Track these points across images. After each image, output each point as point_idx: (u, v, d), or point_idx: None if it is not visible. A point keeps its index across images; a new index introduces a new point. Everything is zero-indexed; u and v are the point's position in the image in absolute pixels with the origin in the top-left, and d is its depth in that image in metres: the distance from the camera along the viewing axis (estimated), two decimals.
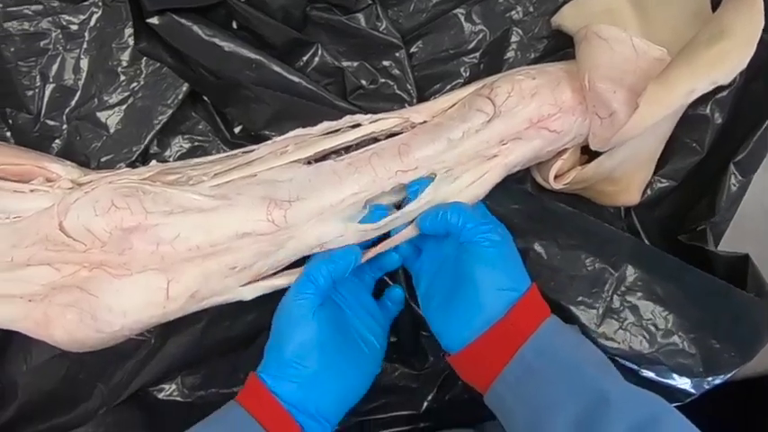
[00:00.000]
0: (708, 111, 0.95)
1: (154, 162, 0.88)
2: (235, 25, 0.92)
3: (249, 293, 0.85)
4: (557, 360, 0.77)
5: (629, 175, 0.92)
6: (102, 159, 0.92)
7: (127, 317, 0.81)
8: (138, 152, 0.92)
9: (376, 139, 0.89)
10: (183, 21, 0.86)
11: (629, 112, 0.80)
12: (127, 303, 0.81)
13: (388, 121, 0.88)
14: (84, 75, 0.92)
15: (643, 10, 0.90)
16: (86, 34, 0.92)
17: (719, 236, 0.96)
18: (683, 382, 0.90)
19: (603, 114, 0.84)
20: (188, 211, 0.81)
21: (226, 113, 0.95)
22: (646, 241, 0.98)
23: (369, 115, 0.89)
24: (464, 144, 0.85)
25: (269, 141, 0.88)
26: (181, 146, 0.95)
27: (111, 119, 0.92)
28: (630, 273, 0.90)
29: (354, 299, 0.89)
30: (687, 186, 0.98)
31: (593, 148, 0.87)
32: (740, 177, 0.93)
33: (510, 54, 0.97)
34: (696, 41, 0.81)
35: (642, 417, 0.72)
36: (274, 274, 0.86)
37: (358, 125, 0.88)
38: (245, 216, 0.81)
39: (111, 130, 0.92)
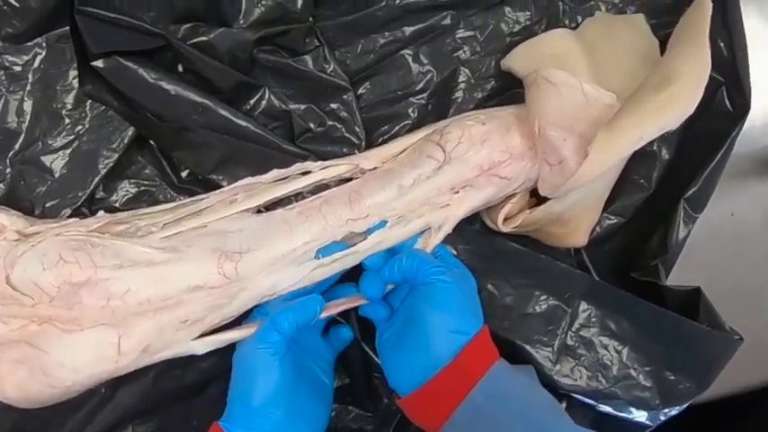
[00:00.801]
0: (655, 147, 0.98)
1: (101, 213, 0.89)
2: (181, 68, 0.92)
3: (201, 348, 0.85)
4: (507, 404, 0.79)
5: (577, 217, 0.94)
6: (47, 204, 0.92)
7: (78, 373, 0.81)
8: (83, 197, 0.92)
9: (327, 186, 0.90)
10: (128, 64, 0.87)
11: (578, 160, 0.82)
12: (78, 359, 0.81)
13: (339, 167, 0.89)
14: (27, 117, 0.92)
15: (593, 53, 0.92)
16: (30, 76, 0.92)
17: (669, 269, 0.99)
18: (639, 415, 0.92)
19: (553, 161, 0.85)
20: (138, 265, 0.81)
21: (173, 157, 0.95)
22: (596, 278, 1.00)
23: (318, 162, 0.90)
24: (415, 191, 0.87)
25: (218, 191, 0.89)
26: (127, 191, 0.95)
27: (56, 163, 0.92)
28: (584, 309, 0.93)
29: (305, 338, 0.90)
30: (636, 222, 1.01)
31: (542, 194, 0.89)
32: (691, 213, 0.96)
33: (458, 94, 0.99)
34: (644, 87, 0.83)
35: None
36: (227, 326, 0.87)
37: (308, 172, 0.90)
38: (195, 269, 0.82)
39: (57, 175, 0.92)
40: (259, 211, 0.89)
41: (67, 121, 0.92)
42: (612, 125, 0.80)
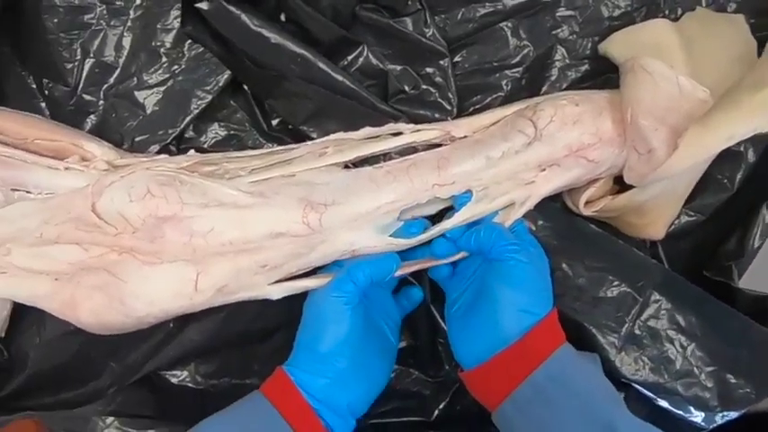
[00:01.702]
0: (742, 148, 0.99)
1: (192, 152, 0.92)
2: (283, 18, 0.95)
3: (276, 293, 0.88)
4: (568, 388, 0.81)
5: (657, 209, 0.96)
6: (137, 139, 0.95)
7: (154, 305, 0.85)
8: (173, 135, 0.95)
9: (415, 149, 0.93)
10: (231, 8, 0.90)
11: (668, 152, 0.84)
12: (155, 292, 0.84)
13: (430, 132, 0.92)
14: (125, 52, 0.95)
15: (691, 48, 0.93)
16: (131, 12, 0.95)
17: (743, 272, 1.00)
18: (696, 415, 0.93)
19: (642, 150, 0.87)
20: (224, 206, 0.85)
21: (265, 105, 0.98)
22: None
23: (410, 125, 0.93)
24: (503, 164, 0.89)
25: (309, 142, 0.92)
26: (217, 133, 0.99)
27: (149, 99, 0.95)
28: (655, 300, 0.94)
29: (376, 295, 0.93)
30: (714, 222, 1.02)
31: (627, 182, 0.91)
32: None
33: (552, 72, 1.01)
34: (739, 87, 0.85)
35: None
36: (303, 275, 0.90)
37: (399, 134, 0.92)
38: (280, 216, 0.85)
39: (148, 111, 0.96)
40: (347, 167, 0.91)
41: (164, 59, 0.95)
42: (705, 121, 0.82)
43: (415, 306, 0.98)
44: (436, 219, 0.93)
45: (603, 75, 1.00)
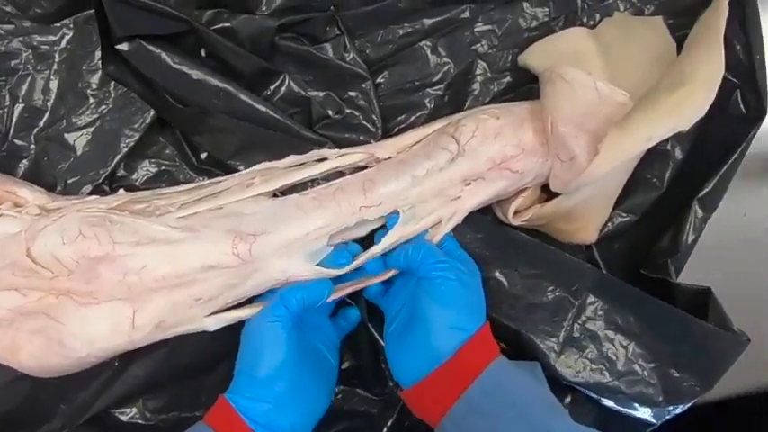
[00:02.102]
0: (669, 147, 1.02)
1: (121, 191, 0.93)
2: (203, 53, 0.97)
3: (213, 324, 0.90)
4: (504, 400, 0.82)
5: (587, 214, 0.98)
6: (69, 181, 0.97)
7: (93, 345, 0.86)
8: (104, 175, 0.97)
9: (342, 173, 0.95)
10: (151, 48, 0.91)
11: (589, 157, 0.86)
12: (93, 331, 0.86)
13: (354, 156, 0.94)
14: (53, 96, 0.97)
15: (609, 53, 0.96)
16: (57, 55, 0.97)
17: (680, 268, 1.02)
18: (643, 412, 0.95)
19: (565, 158, 0.89)
20: (155, 242, 0.86)
21: (192, 141, 0.99)
22: (605, 273, 1.03)
23: (335, 150, 0.95)
24: (428, 182, 0.91)
25: (235, 174, 0.94)
26: (148, 170, 1.00)
27: (79, 141, 0.97)
28: (591, 302, 0.95)
29: (312, 318, 0.94)
30: (647, 221, 1.04)
31: (553, 189, 0.93)
32: (703, 214, 0.99)
33: (474, 87, 1.03)
34: (657, 88, 0.86)
35: None
36: (239, 305, 0.92)
37: (324, 159, 0.94)
38: (210, 249, 0.87)
39: (79, 152, 0.97)
40: (275, 196, 0.93)
41: (92, 100, 0.97)
42: (623, 124, 0.84)
43: (352, 327, 0.99)
44: (368, 239, 0.95)
45: (526, 86, 1.02)
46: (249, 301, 0.93)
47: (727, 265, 1.11)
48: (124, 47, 0.91)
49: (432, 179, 0.91)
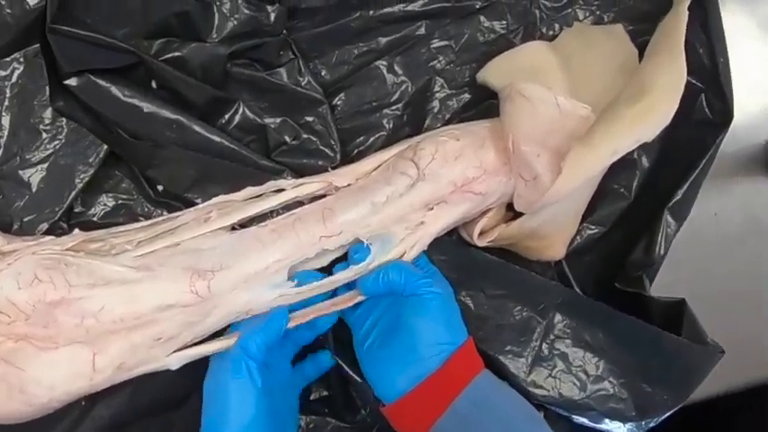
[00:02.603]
0: (635, 156, 1.01)
1: (76, 231, 0.92)
2: (154, 85, 0.95)
3: (176, 362, 0.89)
4: (491, 412, 0.83)
5: (554, 231, 0.97)
6: (25, 219, 0.95)
7: (55, 390, 0.85)
8: (60, 212, 0.95)
9: (301, 202, 0.94)
10: (100, 81, 0.90)
11: (552, 176, 0.85)
12: (54, 376, 0.84)
13: (311, 185, 0.93)
14: (5, 132, 0.95)
15: (570, 65, 0.95)
16: (8, 91, 0.95)
17: (653, 277, 1.02)
18: (615, 427, 0.95)
19: (528, 177, 0.88)
20: (111, 284, 0.85)
21: (147, 175, 0.98)
22: (576, 288, 1.04)
23: (291, 180, 0.94)
24: (388, 208, 0.90)
25: (192, 209, 0.93)
26: (105, 204, 0.99)
27: (33, 177, 0.95)
28: (558, 320, 0.95)
29: (278, 359, 0.93)
30: (617, 232, 1.04)
31: (518, 209, 0.92)
32: (675, 223, 0.99)
33: (434, 104, 1.02)
34: (619, 100, 0.86)
35: None
36: (202, 341, 0.91)
37: (281, 190, 0.93)
38: (168, 288, 0.86)
39: (34, 189, 0.95)
40: (233, 229, 0.92)
41: (45, 135, 0.95)
42: (586, 140, 0.83)
43: (322, 372, 0.99)
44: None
45: (486, 101, 1.02)
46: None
47: (698, 265, 1.12)
48: (72, 82, 0.90)
49: (392, 205, 0.90)
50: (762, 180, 1.13)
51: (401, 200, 0.90)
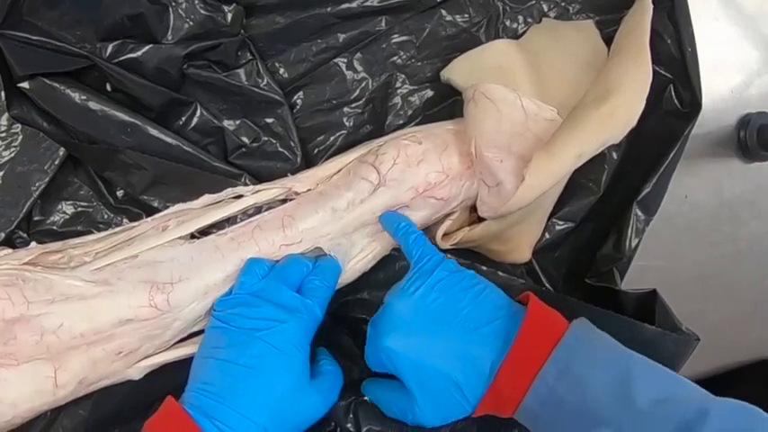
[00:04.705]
0: (604, 149, 0.99)
1: (33, 244, 0.92)
2: (109, 87, 0.96)
3: (137, 374, 0.90)
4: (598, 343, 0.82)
5: (518, 234, 0.98)
6: None
7: (17, 407, 0.85)
8: (16, 221, 0.95)
9: (260, 208, 0.94)
10: (55, 84, 0.91)
11: (516, 183, 0.86)
12: (16, 393, 0.85)
13: (271, 191, 0.93)
14: None
15: (537, 63, 0.95)
16: None
17: (624, 271, 1.01)
18: None
19: (491, 183, 0.89)
20: (70, 299, 0.85)
21: (106, 178, 0.98)
22: (546, 285, 1.04)
23: (250, 186, 0.94)
24: (349, 214, 0.91)
25: (149, 219, 0.94)
26: (64, 212, 0.99)
27: None
28: None
29: None
30: (587, 226, 1.05)
31: (481, 215, 0.92)
32: (644, 216, 0.99)
33: (395, 100, 1.02)
34: (584, 102, 0.86)
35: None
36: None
37: (240, 196, 0.93)
38: (126, 302, 0.86)
39: None
40: (192, 237, 0.92)
41: (0, 143, 0.95)
42: (550, 146, 0.83)
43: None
44: None
45: (449, 98, 1.02)
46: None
47: (669, 248, 1.13)
48: (26, 85, 0.90)
49: (354, 211, 0.91)
50: (732, 162, 1.14)
51: (362, 206, 0.91)
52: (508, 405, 0.81)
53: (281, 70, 1.00)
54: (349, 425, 0.98)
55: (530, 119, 0.88)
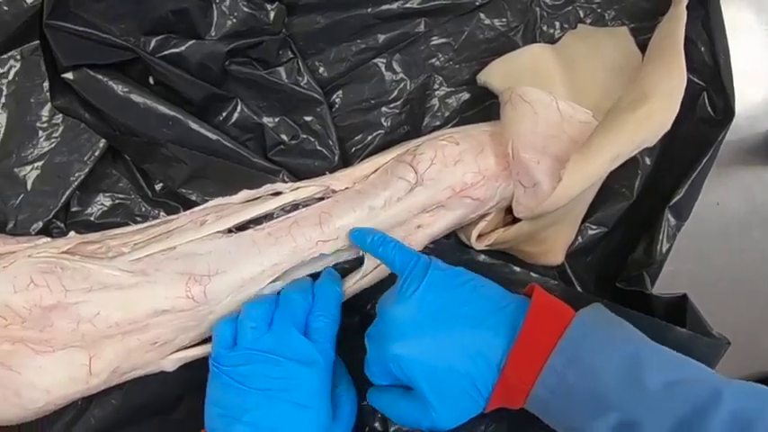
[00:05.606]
0: (637, 155, 1.00)
1: (72, 233, 0.94)
2: (152, 81, 0.97)
3: (170, 365, 0.91)
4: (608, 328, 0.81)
5: (552, 236, 0.98)
6: (20, 217, 0.97)
7: (51, 393, 0.86)
8: (54, 210, 0.97)
9: (297, 205, 0.95)
10: (98, 76, 0.92)
11: (552, 183, 0.86)
12: (50, 380, 0.86)
13: (309, 189, 0.94)
14: (2, 130, 0.96)
15: (572, 68, 0.95)
16: (4, 88, 0.96)
17: (655, 276, 1.01)
18: None
19: (527, 184, 0.89)
20: (107, 288, 0.87)
21: (145, 170, 0.99)
22: (578, 287, 1.04)
23: (289, 183, 0.95)
24: (386, 212, 0.91)
25: (188, 212, 0.95)
26: (102, 204, 1.00)
27: (29, 176, 0.97)
28: None
29: None
30: (619, 231, 1.05)
31: (517, 215, 0.93)
32: (676, 222, 0.99)
33: (433, 102, 1.03)
34: (619, 106, 0.86)
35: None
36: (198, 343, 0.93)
37: (278, 193, 0.95)
38: (163, 293, 0.87)
39: (29, 188, 0.97)
40: (230, 231, 0.93)
41: (41, 133, 0.97)
42: (586, 147, 0.84)
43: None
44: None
45: (486, 101, 1.03)
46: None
47: (700, 255, 1.12)
48: (70, 76, 0.91)
49: (390, 210, 0.91)
50: (763, 169, 1.14)
51: (399, 204, 0.91)
52: (518, 395, 0.81)
53: (321, 69, 1.01)
54: (377, 424, 0.99)
55: (565, 121, 0.89)
